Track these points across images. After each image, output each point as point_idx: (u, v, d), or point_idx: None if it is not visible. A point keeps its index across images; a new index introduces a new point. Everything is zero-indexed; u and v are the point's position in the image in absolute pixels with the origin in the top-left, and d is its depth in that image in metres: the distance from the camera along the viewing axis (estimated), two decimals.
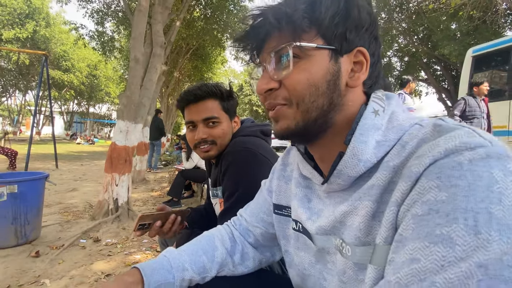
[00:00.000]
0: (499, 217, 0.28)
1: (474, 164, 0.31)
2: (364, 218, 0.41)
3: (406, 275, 0.32)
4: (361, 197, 0.42)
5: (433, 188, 0.32)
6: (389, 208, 0.37)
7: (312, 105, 0.44)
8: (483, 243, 0.28)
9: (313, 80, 0.44)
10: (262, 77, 0.48)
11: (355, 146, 0.43)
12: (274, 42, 0.46)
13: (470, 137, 0.33)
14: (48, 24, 17.63)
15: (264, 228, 0.69)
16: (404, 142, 0.41)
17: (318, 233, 0.50)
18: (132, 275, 0.55)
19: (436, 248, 0.30)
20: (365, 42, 0.47)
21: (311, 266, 0.54)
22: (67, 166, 7.73)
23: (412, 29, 11.46)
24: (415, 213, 0.33)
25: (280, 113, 0.47)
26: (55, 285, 1.76)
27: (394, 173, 0.39)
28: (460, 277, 0.28)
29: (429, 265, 0.30)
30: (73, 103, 30.13)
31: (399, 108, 0.46)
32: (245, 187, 0.90)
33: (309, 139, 0.49)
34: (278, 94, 0.47)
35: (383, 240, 0.38)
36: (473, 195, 0.30)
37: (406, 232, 0.34)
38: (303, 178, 0.58)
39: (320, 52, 0.44)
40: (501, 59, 5.46)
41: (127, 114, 3.12)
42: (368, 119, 0.44)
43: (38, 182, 2.43)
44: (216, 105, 1.03)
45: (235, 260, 0.69)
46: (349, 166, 0.43)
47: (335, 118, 0.46)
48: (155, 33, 3.56)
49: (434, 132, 0.38)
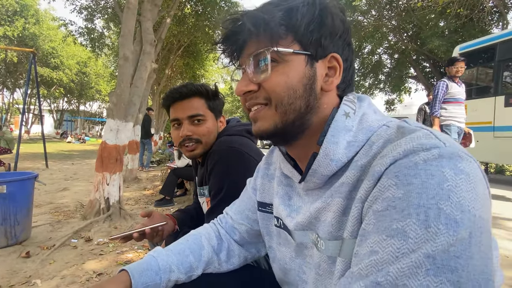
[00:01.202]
0: (447, 212, 0.31)
1: (428, 164, 0.34)
2: (335, 214, 0.44)
3: (366, 266, 0.35)
4: (333, 194, 0.45)
5: (392, 186, 0.35)
6: (355, 205, 0.40)
7: (290, 107, 0.47)
8: (432, 236, 0.31)
9: (291, 83, 0.46)
10: (241, 79, 0.51)
11: (327, 146, 0.45)
12: (253, 46, 0.48)
13: (427, 139, 0.36)
14: (38, 21, 17.23)
15: (249, 225, 0.72)
16: (372, 142, 0.44)
17: (296, 229, 0.53)
18: (121, 278, 0.57)
19: (392, 241, 0.33)
20: (339, 49, 0.50)
21: (291, 261, 0.57)
22: (57, 165, 7.63)
23: (401, 27, 11.59)
24: (376, 209, 0.36)
25: (259, 114, 0.50)
26: (46, 285, 1.77)
27: (362, 171, 0.42)
28: (410, 267, 0.31)
29: (385, 257, 0.33)
30: (63, 101, 29.58)
31: (370, 109, 0.49)
32: (231, 185, 0.92)
33: (287, 139, 0.51)
34: (258, 95, 0.49)
35: (349, 234, 0.41)
36: (425, 192, 0.33)
37: (368, 226, 0.37)
38: (284, 177, 0.60)
39: (297, 57, 0.47)
40: (487, 56, 5.59)
41: (117, 112, 3.10)
42: (339, 121, 0.46)
43: (27, 182, 2.41)
44: (202, 104, 1.05)
45: (221, 258, 0.71)
46: (322, 166, 0.46)
47: (311, 120, 0.49)
48: (144, 30, 3.53)
49: (398, 134, 0.41)
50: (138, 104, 3.37)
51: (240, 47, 0.50)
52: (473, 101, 5.41)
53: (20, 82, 21.13)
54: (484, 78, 5.69)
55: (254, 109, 0.51)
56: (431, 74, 12.54)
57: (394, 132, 0.42)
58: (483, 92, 5.49)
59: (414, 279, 0.31)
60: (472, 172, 0.34)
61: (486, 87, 5.57)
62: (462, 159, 0.34)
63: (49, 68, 19.43)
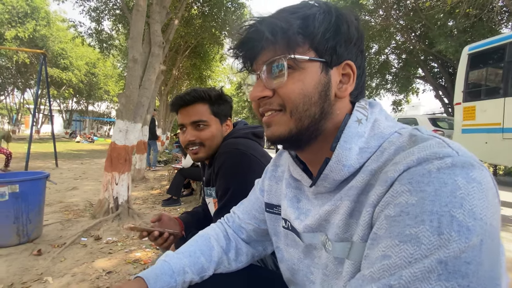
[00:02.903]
0: (460, 219, 0.32)
1: (442, 172, 0.35)
2: (343, 216, 0.45)
3: (379, 269, 0.36)
4: (342, 197, 0.47)
5: (405, 192, 0.36)
6: (366, 209, 0.41)
7: (305, 114, 0.48)
8: (444, 242, 0.32)
9: (306, 90, 0.47)
10: (256, 84, 0.52)
11: (340, 152, 0.46)
12: (269, 53, 0.49)
13: (439, 148, 0.37)
14: (48, 23, 17.55)
15: (256, 224, 0.73)
16: (383, 149, 0.45)
17: (305, 231, 0.54)
18: (137, 284, 0.58)
19: (405, 246, 0.34)
20: (353, 56, 0.51)
21: (299, 262, 0.59)
22: (67, 164, 7.76)
23: (409, 26, 11.46)
24: (388, 214, 0.37)
25: (273, 120, 0.51)
26: (57, 282, 1.81)
27: (371, 176, 0.43)
28: (423, 272, 0.32)
29: (398, 261, 0.34)
30: (72, 101, 30.05)
31: (381, 116, 0.50)
32: (237, 186, 0.94)
33: (299, 145, 0.52)
34: (272, 101, 0.50)
35: (359, 238, 0.42)
36: (439, 199, 0.34)
37: (380, 231, 0.38)
38: (293, 180, 0.62)
39: (312, 64, 0.48)
40: (496, 57, 5.49)
41: (126, 113, 3.15)
42: (352, 127, 0.47)
43: (39, 182, 2.47)
44: (205, 109, 1.08)
45: (230, 257, 0.73)
46: (334, 171, 0.47)
47: (325, 126, 0.50)
48: (153, 32, 3.57)
49: (410, 142, 0.42)
50: (146, 105, 3.42)
51: (256, 53, 0.51)
52: (482, 102, 5.32)
53: (30, 82, 21.55)
54: (494, 79, 5.59)
55: (267, 114, 0.51)
56: (439, 75, 12.38)
57: (406, 140, 0.43)
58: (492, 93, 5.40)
59: (426, 283, 0.32)
60: (483, 181, 0.35)
61: (495, 88, 5.47)
62: (474, 168, 0.35)
63: (58, 68, 19.77)
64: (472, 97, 5.51)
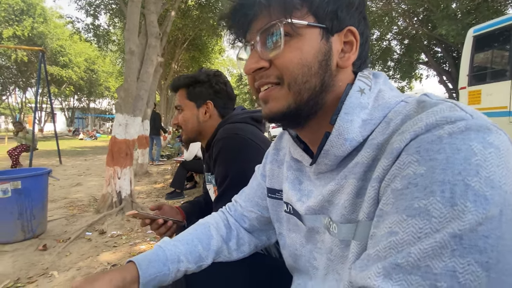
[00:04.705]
0: (476, 188, 0.29)
1: (454, 137, 0.31)
2: (349, 196, 0.42)
3: (385, 247, 0.32)
4: (347, 175, 0.43)
5: (413, 163, 0.33)
6: (371, 185, 0.38)
7: (304, 86, 0.44)
8: (458, 214, 0.28)
9: (305, 60, 0.43)
10: (250, 56, 0.47)
11: (341, 125, 0.43)
12: (264, 20, 0.44)
13: (451, 111, 0.33)
14: (45, 20, 17.43)
15: (259, 212, 0.70)
16: (389, 120, 0.41)
17: (307, 213, 0.51)
18: (128, 269, 0.55)
19: (413, 220, 0.31)
20: (355, 21, 0.46)
21: (302, 247, 0.56)
22: (71, 161, 7.80)
23: (411, 10, 11.18)
24: (395, 187, 0.34)
25: (270, 94, 0.46)
26: (63, 276, 1.81)
27: (378, 150, 0.40)
28: (434, 247, 0.29)
29: (406, 238, 0.31)
30: (74, 99, 30.08)
31: (386, 86, 0.46)
32: (236, 172, 0.91)
33: (299, 121, 0.48)
34: (269, 73, 0.46)
35: (365, 216, 0.39)
36: (451, 168, 0.30)
37: (386, 206, 0.34)
38: (294, 161, 0.58)
39: (311, 31, 0.43)
40: (502, 38, 5.35)
41: (125, 107, 3.12)
42: (354, 98, 0.43)
43: (41, 178, 2.46)
44: (183, 94, 1.12)
45: (231, 247, 0.70)
46: (335, 146, 0.43)
47: (326, 99, 0.46)
48: (149, 24, 3.51)
49: (418, 108, 0.38)
50: (145, 99, 3.38)
51: (249, 21, 0.46)
52: (488, 85, 5.21)
53: (31, 81, 21.54)
54: (500, 61, 5.46)
55: (264, 89, 0.47)
56: (443, 60, 12.14)
57: (413, 107, 0.38)
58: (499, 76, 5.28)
59: (438, 260, 0.29)
60: (502, 146, 0.31)
61: (501, 71, 5.35)
62: (491, 131, 0.31)
63: (58, 66, 19.73)
64: (478, 81, 5.40)
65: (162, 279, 0.58)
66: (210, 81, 1.10)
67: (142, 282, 0.54)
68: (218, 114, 1.13)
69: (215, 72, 1.14)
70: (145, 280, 0.55)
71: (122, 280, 0.52)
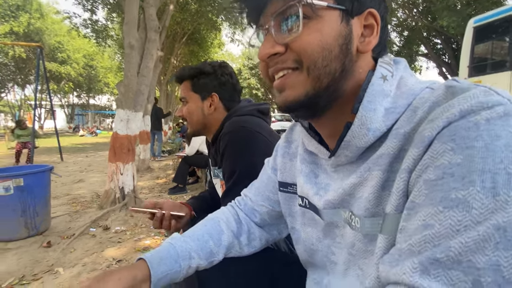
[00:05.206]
0: None
1: (492, 124, 0.29)
2: (373, 189, 0.40)
3: (419, 241, 0.31)
4: (370, 167, 0.41)
5: (447, 151, 0.30)
6: (400, 176, 0.36)
7: (324, 71, 0.41)
8: (501, 205, 0.27)
9: (325, 42, 0.40)
10: (265, 41, 0.44)
11: (363, 114, 0.40)
12: (279, 1, 0.42)
13: (486, 96, 0.31)
14: (42, 16, 17.26)
15: (271, 206, 0.68)
16: (415, 108, 0.38)
17: (326, 207, 0.48)
18: (139, 267, 0.53)
19: (451, 212, 0.29)
20: (376, 4, 0.43)
21: (318, 241, 0.54)
22: (72, 158, 7.80)
23: (411, 2, 11.03)
24: (428, 178, 0.32)
25: (286, 82, 0.44)
26: (68, 273, 1.81)
27: (405, 140, 0.37)
28: (476, 241, 0.27)
29: (443, 231, 0.29)
30: (73, 96, 29.96)
31: (407, 73, 0.44)
32: (244, 166, 0.89)
33: (316, 111, 0.45)
34: (285, 58, 0.43)
35: (394, 208, 0.36)
36: (491, 156, 0.28)
37: (418, 198, 0.32)
38: (308, 154, 0.56)
39: (331, 13, 0.41)
40: (503, 29, 5.28)
41: (125, 102, 3.10)
42: (376, 85, 0.41)
43: (43, 175, 2.45)
44: (188, 86, 1.09)
45: (242, 242, 0.68)
46: (357, 136, 0.41)
47: (345, 86, 0.43)
48: (148, 17, 3.46)
49: (448, 94, 0.35)
50: (146, 93, 3.35)
51: (263, 3, 0.44)
52: (488, 76, 5.16)
53: (30, 78, 21.44)
54: (500, 52, 5.39)
55: (279, 76, 0.44)
56: (442, 51, 12.03)
57: (442, 93, 0.36)
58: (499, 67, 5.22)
59: (481, 254, 0.27)
60: None
61: (502, 61, 5.29)
62: None
63: (56, 62, 19.60)
64: (478, 72, 5.35)
65: (173, 276, 0.56)
66: (215, 72, 1.07)
67: (153, 280, 0.52)
68: (224, 107, 1.10)
69: (220, 63, 1.11)
70: (157, 278, 0.53)
71: (133, 278, 0.50)
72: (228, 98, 1.10)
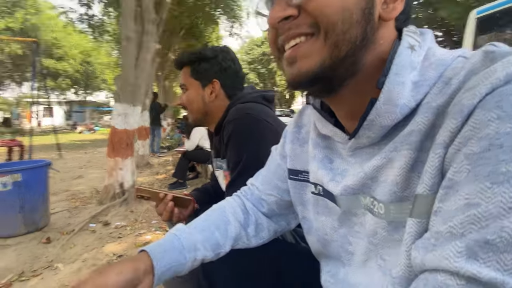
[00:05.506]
0: None
1: None
2: (401, 171, 0.36)
3: (462, 222, 0.27)
4: (397, 146, 0.36)
5: (493, 120, 0.27)
6: (434, 152, 0.32)
7: (344, 37, 0.36)
8: None
9: (346, 3, 0.35)
10: (276, 3, 0.39)
11: (391, 89, 0.36)
12: None
13: None
14: (38, 11, 17.05)
15: (279, 195, 0.64)
16: (448, 79, 0.34)
17: (343, 193, 0.44)
18: (141, 259, 0.49)
19: (501, 188, 0.25)
20: None
21: (333, 231, 0.50)
22: (71, 155, 7.74)
23: None
24: (471, 151, 0.28)
25: (299, 51, 0.39)
26: (68, 269, 1.78)
27: (437, 115, 0.33)
28: None
29: (492, 209, 0.25)
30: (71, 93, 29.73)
31: (434, 44, 0.40)
32: (250, 155, 0.85)
33: (332, 86, 0.40)
34: (299, 22, 0.38)
35: (428, 188, 0.32)
36: None
37: (458, 175, 0.28)
38: (322, 138, 0.51)
39: None
40: (508, 20, 5.21)
41: (123, 96, 3.04)
42: (404, 55, 0.36)
43: (41, 170, 2.41)
44: (187, 72, 1.05)
45: (249, 233, 0.64)
46: (382, 114, 0.37)
47: (365, 58, 0.38)
48: (145, 9, 3.39)
49: (486, 60, 0.31)
50: (144, 87, 3.30)
51: None
52: None
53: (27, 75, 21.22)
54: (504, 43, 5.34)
55: (291, 45, 0.40)
56: (443, 44, 11.94)
57: (479, 59, 0.32)
58: None
59: None
60: None
61: None
62: None
63: (53, 59, 19.40)
64: None
65: (178, 269, 0.52)
66: (216, 57, 1.02)
67: (157, 273, 0.48)
68: (225, 94, 1.04)
69: (222, 47, 1.05)
70: (160, 270, 0.49)
71: (134, 271, 0.46)
72: (230, 85, 1.04)
